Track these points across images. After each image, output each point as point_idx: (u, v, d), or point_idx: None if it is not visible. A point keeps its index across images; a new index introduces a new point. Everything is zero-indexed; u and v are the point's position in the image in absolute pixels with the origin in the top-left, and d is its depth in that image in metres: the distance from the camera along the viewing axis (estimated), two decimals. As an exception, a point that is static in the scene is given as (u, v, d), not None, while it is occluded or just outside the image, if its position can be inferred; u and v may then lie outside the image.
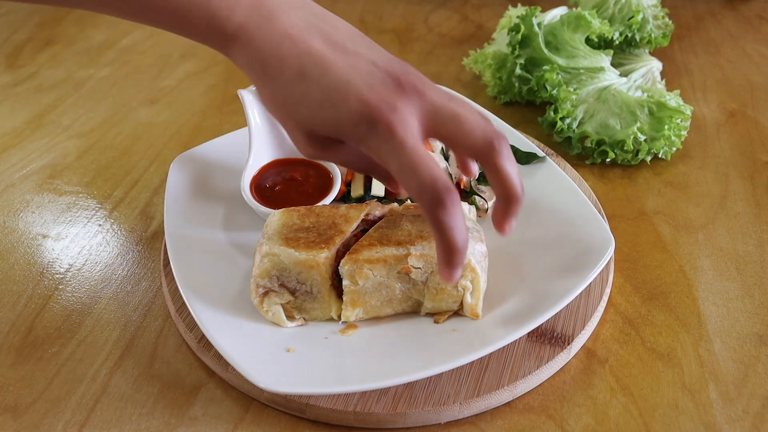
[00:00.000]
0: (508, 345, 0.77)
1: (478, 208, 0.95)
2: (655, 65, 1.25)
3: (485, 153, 0.66)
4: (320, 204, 0.89)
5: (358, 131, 0.65)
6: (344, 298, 0.77)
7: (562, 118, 1.12)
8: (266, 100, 0.72)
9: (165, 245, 0.87)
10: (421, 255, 0.74)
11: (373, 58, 0.69)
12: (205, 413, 0.74)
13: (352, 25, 0.75)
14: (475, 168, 0.80)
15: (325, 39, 0.69)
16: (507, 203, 0.69)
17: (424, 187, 0.63)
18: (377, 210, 0.84)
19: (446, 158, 1.00)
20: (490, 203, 0.95)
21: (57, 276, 0.92)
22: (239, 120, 1.22)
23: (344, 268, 0.75)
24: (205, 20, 0.68)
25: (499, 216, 0.70)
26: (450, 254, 0.65)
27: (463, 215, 0.65)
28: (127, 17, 0.71)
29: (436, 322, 0.78)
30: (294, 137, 0.74)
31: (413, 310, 0.79)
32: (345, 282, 0.76)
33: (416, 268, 0.75)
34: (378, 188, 0.96)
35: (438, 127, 0.66)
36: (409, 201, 0.89)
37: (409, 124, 0.64)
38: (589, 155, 1.11)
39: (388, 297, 0.77)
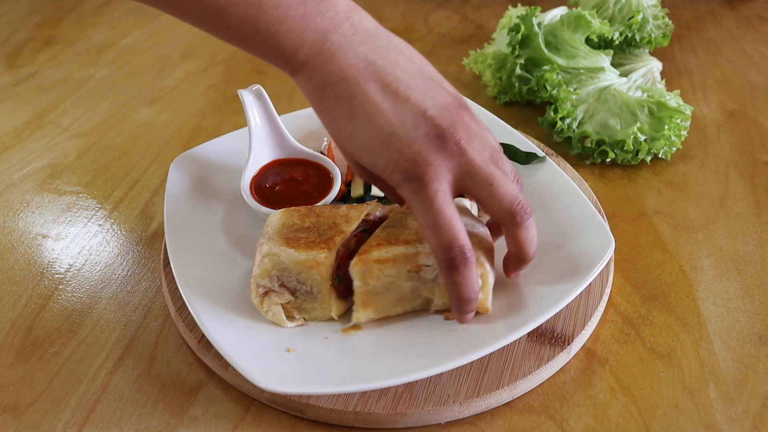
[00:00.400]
0: (508, 345, 0.77)
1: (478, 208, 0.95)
2: (655, 65, 1.25)
3: (508, 222, 0.72)
4: (320, 204, 0.89)
5: (394, 178, 0.70)
6: (355, 299, 0.77)
7: (562, 118, 1.12)
8: (323, 124, 0.75)
9: (165, 245, 0.87)
10: (431, 253, 0.74)
11: (425, 106, 0.71)
12: (205, 413, 0.74)
13: (416, 54, 0.78)
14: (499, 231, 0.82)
15: (380, 82, 0.70)
16: (519, 262, 0.76)
17: (441, 248, 0.68)
18: (378, 210, 0.84)
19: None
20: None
21: (57, 276, 0.92)
22: (239, 120, 1.22)
23: (354, 269, 0.75)
24: (273, 53, 0.72)
25: (510, 268, 0.78)
26: (462, 304, 0.72)
27: (476, 273, 0.70)
28: (206, 29, 0.74)
29: (446, 318, 0.78)
30: (346, 158, 0.78)
31: (423, 308, 0.79)
32: (356, 283, 0.76)
33: (426, 266, 0.75)
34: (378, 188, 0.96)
35: (470, 188, 0.71)
36: None
37: (441, 182, 0.68)
38: (589, 155, 1.11)
39: (399, 296, 0.77)
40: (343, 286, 0.79)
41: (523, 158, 1.01)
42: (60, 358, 0.80)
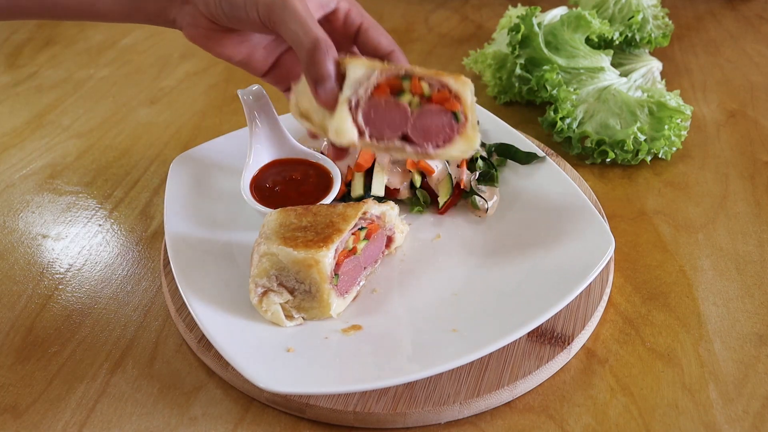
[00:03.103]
0: (508, 345, 0.77)
1: (477, 208, 0.95)
2: (655, 65, 1.25)
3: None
4: (319, 204, 0.89)
5: None
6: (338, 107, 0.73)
7: (562, 118, 1.12)
8: None
9: (165, 245, 0.87)
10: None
11: None
12: (205, 413, 0.74)
13: None
14: None
15: None
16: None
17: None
18: (375, 209, 0.84)
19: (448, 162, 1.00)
20: (491, 203, 0.95)
21: (57, 276, 0.92)
22: (239, 120, 1.22)
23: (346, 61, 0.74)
24: None
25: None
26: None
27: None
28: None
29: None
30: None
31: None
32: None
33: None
34: (378, 188, 0.96)
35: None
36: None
37: None
38: (589, 155, 1.11)
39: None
40: (341, 284, 0.79)
41: (523, 158, 1.01)
42: (60, 358, 0.80)
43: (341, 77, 0.74)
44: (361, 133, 0.74)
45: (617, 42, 1.26)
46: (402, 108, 0.74)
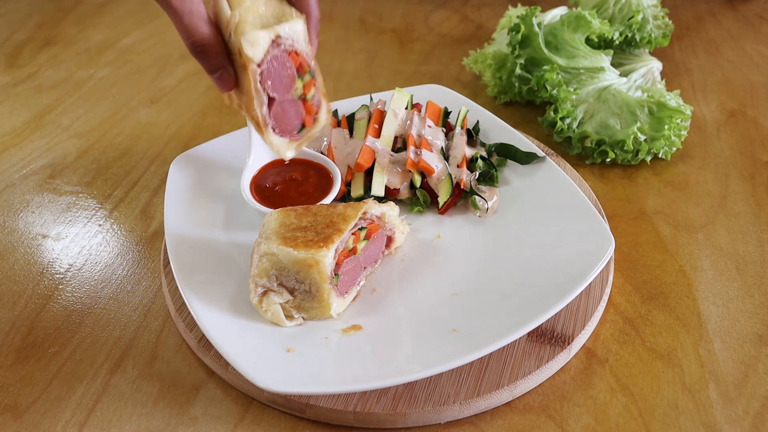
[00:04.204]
0: (508, 345, 0.77)
1: (477, 208, 0.95)
2: (655, 65, 1.25)
3: None
4: (319, 204, 0.89)
5: None
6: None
7: (562, 118, 1.12)
8: None
9: (165, 245, 0.87)
10: None
11: None
12: (205, 413, 0.74)
13: None
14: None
15: None
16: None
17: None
18: (375, 209, 0.84)
19: (446, 158, 1.00)
20: (491, 203, 0.95)
21: (57, 276, 0.92)
22: (239, 120, 1.22)
23: None
24: None
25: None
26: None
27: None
28: None
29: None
30: None
31: None
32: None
33: None
34: (378, 188, 0.96)
35: None
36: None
37: None
38: (589, 155, 1.11)
39: None
40: (341, 284, 0.79)
41: (523, 158, 1.01)
42: (60, 358, 0.80)
43: None
44: (259, 65, 0.78)
45: (617, 42, 1.26)
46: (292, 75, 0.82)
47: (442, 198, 0.95)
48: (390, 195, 0.97)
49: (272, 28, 0.78)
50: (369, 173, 0.99)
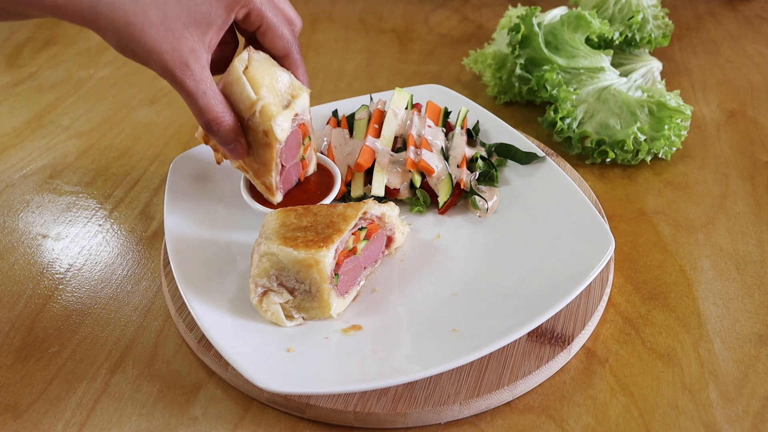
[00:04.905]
0: (508, 345, 0.77)
1: (477, 208, 0.95)
2: (655, 65, 1.25)
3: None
4: (319, 204, 0.89)
5: None
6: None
7: (562, 118, 1.12)
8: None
9: (165, 245, 0.87)
10: None
11: None
12: (205, 413, 0.74)
13: None
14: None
15: None
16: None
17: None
18: (375, 209, 0.84)
19: (446, 158, 1.00)
20: (491, 203, 0.95)
21: (57, 276, 0.92)
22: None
23: None
24: None
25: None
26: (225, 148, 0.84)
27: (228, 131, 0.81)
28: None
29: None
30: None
31: None
32: None
33: None
34: (378, 188, 0.96)
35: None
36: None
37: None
38: (589, 155, 1.11)
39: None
40: (341, 284, 0.79)
41: (523, 158, 1.01)
42: (60, 358, 0.80)
43: None
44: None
45: (617, 42, 1.26)
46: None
47: (442, 198, 0.95)
48: (390, 195, 0.97)
49: (291, 108, 0.83)
50: (369, 173, 0.99)
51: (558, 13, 1.26)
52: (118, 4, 0.71)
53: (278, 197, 0.90)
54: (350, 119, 1.08)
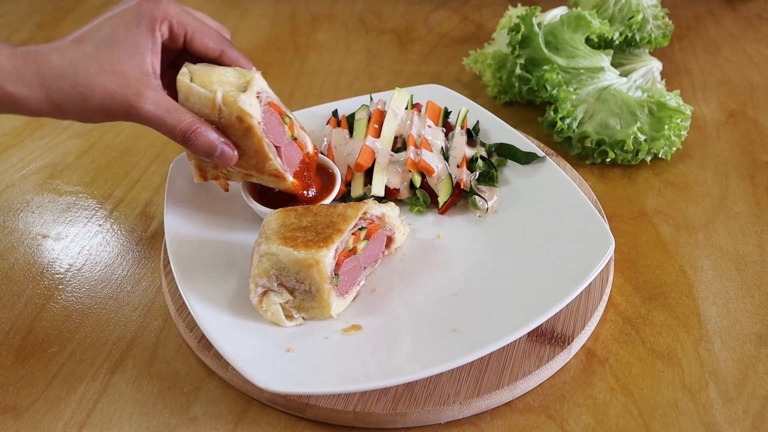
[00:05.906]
0: (508, 345, 0.77)
1: (477, 208, 0.95)
2: (655, 65, 1.25)
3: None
4: (319, 204, 0.89)
5: None
6: None
7: (562, 118, 1.12)
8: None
9: (165, 245, 0.87)
10: None
11: None
12: (205, 413, 0.74)
13: None
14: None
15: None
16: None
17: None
18: (375, 209, 0.84)
19: (446, 158, 1.00)
20: (491, 203, 0.95)
21: (57, 276, 0.92)
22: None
23: None
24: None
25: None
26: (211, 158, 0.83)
27: (206, 136, 0.80)
28: None
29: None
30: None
31: None
32: None
33: None
34: (378, 188, 0.96)
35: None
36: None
37: None
38: (589, 155, 1.11)
39: None
40: (341, 284, 0.79)
41: (523, 158, 1.01)
42: (60, 358, 0.80)
43: None
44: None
45: (617, 42, 1.26)
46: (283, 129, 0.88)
47: (442, 198, 0.95)
48: (390, 195, 0.97)
49: (251, 88, 0.82)
50: (369, 173, 0.99)
51: (558, 13, 1.26)
52: (59, 75, 0.76)
53: (289, 178, 0.88)
54: (350, 119, 1.08)
